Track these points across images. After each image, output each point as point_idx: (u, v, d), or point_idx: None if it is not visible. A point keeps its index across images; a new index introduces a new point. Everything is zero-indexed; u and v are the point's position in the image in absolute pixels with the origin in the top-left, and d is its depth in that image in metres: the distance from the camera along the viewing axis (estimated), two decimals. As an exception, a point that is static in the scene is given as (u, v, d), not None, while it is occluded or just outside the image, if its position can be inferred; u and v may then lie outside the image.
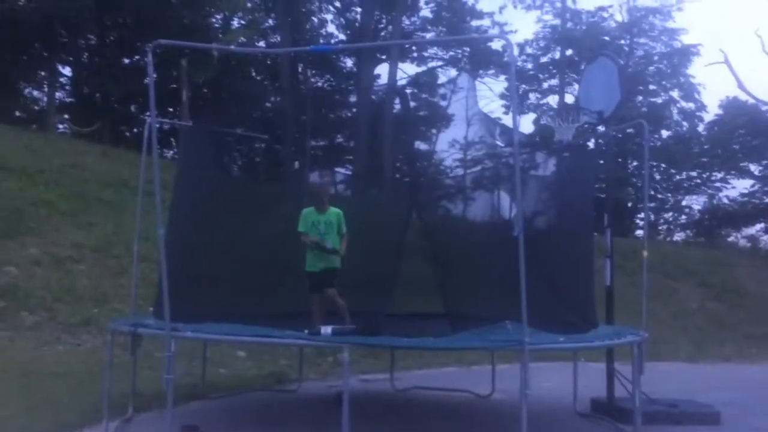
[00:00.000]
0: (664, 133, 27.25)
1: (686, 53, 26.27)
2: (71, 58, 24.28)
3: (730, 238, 26.95)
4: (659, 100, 27.09)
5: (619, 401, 6.72)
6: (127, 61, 23.94)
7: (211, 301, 6.05)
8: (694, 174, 27.20)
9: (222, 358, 8.56)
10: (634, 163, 25.28)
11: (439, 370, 9.40)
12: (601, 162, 8.00)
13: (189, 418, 5.70)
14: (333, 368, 8.58)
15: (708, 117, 27.13)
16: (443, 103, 23.92)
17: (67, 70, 24.96)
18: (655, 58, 27.07)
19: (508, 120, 22.59)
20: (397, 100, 21.35)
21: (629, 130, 18.67)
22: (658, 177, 26.46)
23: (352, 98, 24.94)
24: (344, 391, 4.39)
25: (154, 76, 4.80)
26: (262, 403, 7.13)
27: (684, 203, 28.13)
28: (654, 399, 6.61)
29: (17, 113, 23.74)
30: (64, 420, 5.52)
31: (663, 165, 26.54)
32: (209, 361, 7.45)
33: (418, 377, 8.62)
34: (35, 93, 25.86)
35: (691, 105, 27.14)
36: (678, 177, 27.33)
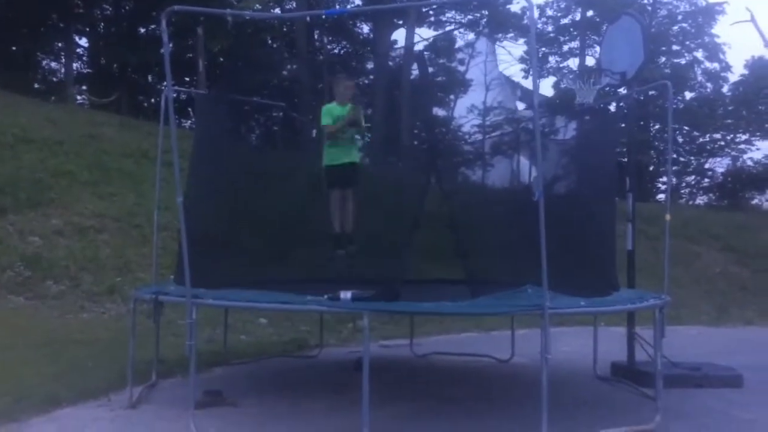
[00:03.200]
0: (688, 95, 26.74)
1: (711, 12, 25.61)
2: (88, 29, 24.26)
3: (754, 201, 26.56)
4: (683, 61, 26.51)
5: (639, 365, 6.71)
6: (143, 30, 23.89)
7: (231, 268, 6.08)
8: (717, 136, 26.70)
9: (243, 325, 8.66)
10: (657, 126, 24.86)
11: (458, 335, 9.44)
12: (623, 125, 7.87)
13: (212, 384, 5.79)
14: (353, 334, 8.65)
15: (733, 78, 26.54)
16: (461, 68, 23.64)
17: (83, 41, 24.98)
18: (679, 17, 26.42)
19: (527, 84, 22.27)
20: (415, 66, 21.10)
21: (652, 92, 18.30)
22: (680, 140, 26.03)
23: (369, 65, 24.72)
24: (364, 357, 4.40)
25: (170, 44, 4.76)
26: (283, 369, 7.22)
27: (707, 166, 27.69)
28: (675, 362, 6.58)
29: (36, 85, 23.84)
30: (90, 386, 5.63)
31: (686, 127, 26.07)
32: (231, 327, 7.54)
33: (438, 343, 8.66)
34: (53, 65, 25.95)
35: (716, 65, 26.54)
36: (701, 139, 26.85)
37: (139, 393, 5.52)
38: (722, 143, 26.82)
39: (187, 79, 20.48)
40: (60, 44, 24.03)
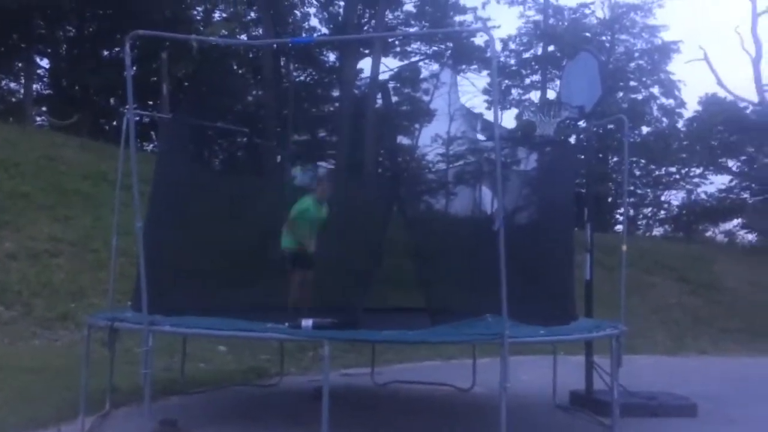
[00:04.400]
0: (645, 129, 27.49)
1: (666, 50, 26.49)
2: (49, 50, 23.92)
3: (708, 233, 27.28)
4: (639, 97, 27.30)
5: (597, 393, 6.78)
6: (106, 53, 23.65)
7: (190, 295, 6.01)
8: (673, 170, 27.46)
9: (202, 353, 8.51)
10: (615, 159, 25.48)
11: (420, 364, 9.41)
12: (582, 157, 8.05)
13: (168, 413, 5.65)
14: (314, 363, 8.56)
15: (687, 113, 27.42)
16: (426, 98, 23.95)
17: (45, 62, 24.61)
18: (636, 54, 27.26)
19: (490, 115, 22.63)
20: (380, 95, 21.31)
21: (610, 126, 18.77)
22: (637, 172, 26.67)
23: (335, 92, 24.86)
24: (324, 386, 4.38)
25: (133, 68, 4.73)
26: (242, 398, 7.10)
27: (663, 198, 28.42)
28: (632, 392, 6.67)
29: (-7, 105, 23.36)
30: (40, 415, 5.46)
31: (642, 161, 26.76)
32: (189, 355, 7.40)
33: (399, 371, 8.63)
34: (12, 85, 25.46)
35: (671, 101, 27.39)
36: (657, 172, 27.58)
37: (91, 423, 5.37)
38: (677, 176, 27.57)
39: (151, 102, 20.30)
40: (20, 64, 23.63)
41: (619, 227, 24.17)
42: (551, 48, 26.46)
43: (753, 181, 25.33)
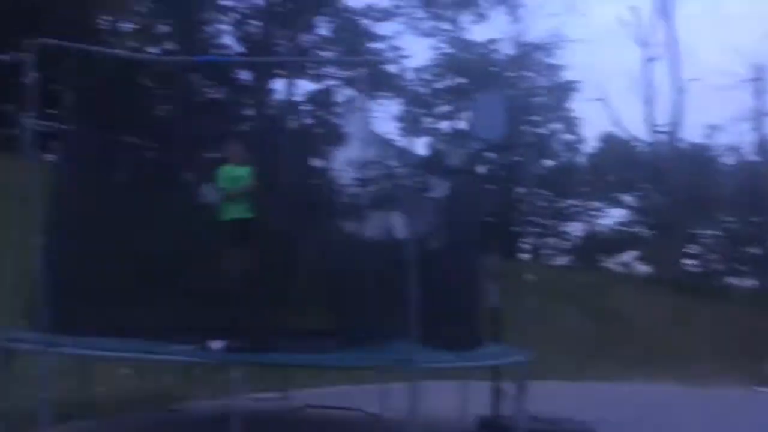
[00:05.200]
0: (549, 162, 28.65)
1: (567, 88, 27.83)
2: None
3: (605, 264, 28.63)
4: (544, 131, 28.47)
5: (504, 419, 6.91)
6: (2, 56, 22.40)
7: (92, 314, 5.72)
8: (575, 202, 28.71)
9: (103, 376, 8.06)
10: (521, 189, 26.41)
11: (332, 387, 9.32)
12: (492, 187, 8.31)
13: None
14: (225, 385, 8.29)
15: (589, 149, 28.83)
16: (339, 122, 24.04)
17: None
18: (540, 91, 28.46)
19: (403, 142, 22.99)
20: (294, 116, 21.25)
21: (516, 158, 19.51)
22: (542, 204, 27.72)
23: (248, 111, 24.55)
24: (233, 412, 4.25)
25: (36, 75, 4.50)
26: (147, 424, 6.79)
27: (566, 229, 29.61)
28: (536, 417, 6.84)
29: None
30: None
31: (546, 192, 27.84)
32: (90, 378, 7.00)
33: (312, 395, 8.49)
34: None
35: (573, 136, 28.72)
36: (560, 204, 28.75)
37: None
38: (578, 209, 28.86)
39: (54, 111, 19.36)
40: None
41: (525, 256, 24.99)
42: (462, 80, 27.22)
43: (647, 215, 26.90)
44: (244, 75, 24.79)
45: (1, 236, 9.36)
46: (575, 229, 29.47)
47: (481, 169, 9.10)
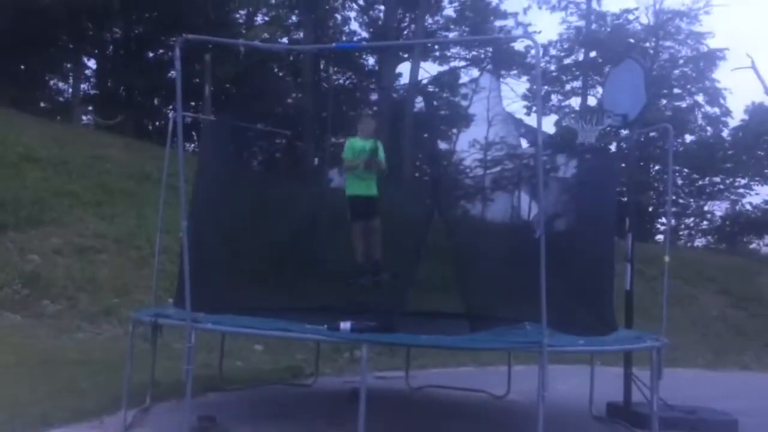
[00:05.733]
0: (688, 138, 26.99)
1: (712, 57, 25.99)
2: (96, 51, 24.54)
3: (752, 245, 26.65)
4: (684, 105, 26.82)
5: (635, 406, 6.68)
6: (151, 54, 24.18)
7: (230, 294, 6.09)
8: (717, 179, 26.90)
9: (239, 351, 8.63)
10: (657, 167, 25.06)
11: (455, 369, 9.39)
12: (624, 165, 7.95)
13: (206, 409, 5.74)
14: (349, 364, 8.61)
15: (733, 122, 26.85)
16: (464, 103, 23.86)
17: (92, 63, 25.26)
18: (681, 61, 26.81)
19: (529, 121, 22.46)
20: (420, 99, 21.35)
21: (653, 134, 18.48)
22: (680, 182, 26.21)
23: (374, 96, 24.96)
24: (361, 388, 4.40)
25: (180, 69, 4.83)
26: (277, 397, 7.17)
27: (706, 209, 27.84)
28: (671, 405, 6.56)
29: (42, 104, 24.06)
30: (84, 407, 5.59)
31: (686, 170, 26.28)
32: (226, 353, 7.51)
33: (434, 376, 8.61)
34: (60, 85, 26.19)
35: (716, 110, 26.85)
36: (701, 182, 27.05)
37: (133, 416, 5.48)
38: (721, 187, 27.00)
39: (193, 103, 20.67)
40: (68, 65, 24.29)
41: (659, 237, 23.78)
42: (593, 54, 26.18)
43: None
44: (371, 60, 25.24)
45: (150, 220, 10.19)
46: (718, 208, 27.62)
47: (614, 147, 8.71)
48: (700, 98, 26.91)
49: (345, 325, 4.84)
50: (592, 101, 25.02)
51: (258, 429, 5.68)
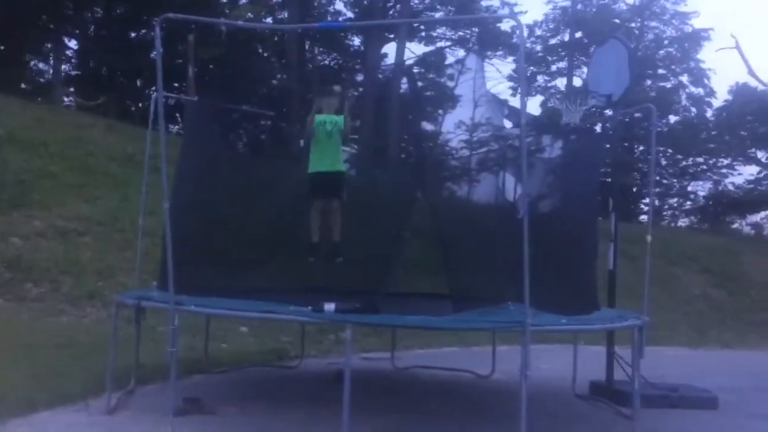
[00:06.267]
0: (672, 119, 27.11)
1: (697, 38, 26.04)
2: (77, 31, 24.18)
3: (735, 225, 26.94)
4: (668, 85, 26.91)
5: (617, 384, 6.77)
6: (133, 35, 23.83)
7: (214, 276, 6.07)
8: (700, 160, 27.09)
9: (224, 334, 8.63)
10: (641, 148, 25.18)
11: (439, 350, 9.46)
12: (608, 146, 7.97)
13: (191, 391, 5.76)
14: (334, 346, 8.65)
15: (717, 103, 26.98)
16: (450, 84, 23.82)
17: (73, 43, 24.87)
18: (666, 42, 26.86)
19: (515, 102, 22.46)
20: (405, 80, 21.26)
21: (637, 115, 18.54)
22: (664, 162, 26.37)
23: (359, 77, 24.82)
24: (346, 370, 4.42)
25: (161, 50, 4.77)
26: (263, 378, 7.20)
27: (689, 189, 28.07)
28: (653, 383, 6.65)
29: (23, 85, 23.68)
30: (68, 390, 5.59)
31: (669, 150, 26.43)
32: (211, 336, 7.51)
33: (419, 357, 8.68)
34: (41, 65, 25.80)
35: (701, 90, 26.96)
36: (684, 162, 27.23)
37: (117, 398, 5.48)
38: (705, 167, 27.21)
39: (176, 84, 20.44)
40: (49, 45, 23.91)
41: (643, 218, 23.98)
42: (578, 34, 26.16)
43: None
44: (356, 40, 25.05)
45: (133, 202, 10.11)
46: (701, 188, 27.85)
47: (599, 128, 8.72)
48: (684, 78, 27.01)
49: (329, 307, 4.85)
50: (577, 82, 25.05)
51: (243, 410, 5.70)
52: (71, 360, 6.63)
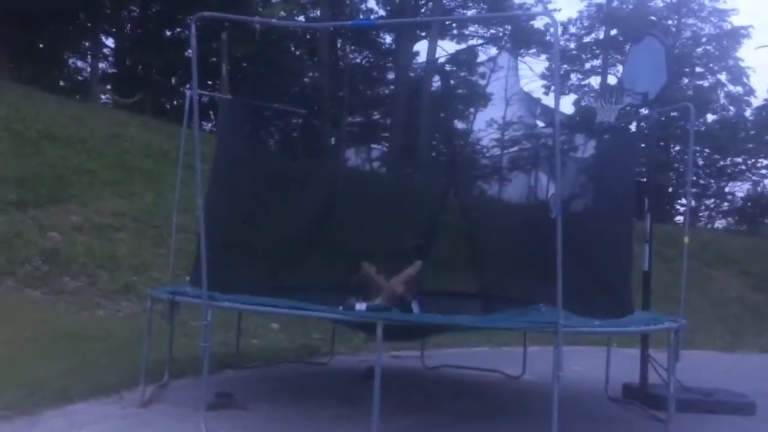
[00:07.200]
0: (710, 117, 26.59)
1: (735, 35, 25.52)
2: (114, 30, 24.59)
3: (774, 228, 26.31)
4: (706, 83, 26.41)
5: (651, 387, 6.66)
6: (168, 33, 24.18)
7: (247, 273, 6.13)
8: (738, 160, 26.52)
9: (256, 330, 8.70)
10: (677, 148, 24.75)
11: (469, 349, 9.41)
12: (643, 145, 7.84)
13: (223, 386, 5.82)
14: (364, 343, 8.65)
15: (756, 102, 26.39)
16: (482, 82, 23.68)
17: (110, 41, 25.31)
18: (703, 39, 26.36)
19: (548, 100, 22.26)
20: (437, 78, 21.18)
21: (673, 114, 18.22)
22: (701, 162, 25.87)
23: (390, 75, 24.78)
24: (376, 367, 4.41)
25: (196, 48, 4.82)
26: (293, 375, 7.24)
27: (727, 190, 27.50)
28: (688, 387, 6.52)
29: (61, 83, 24.19)
30: (102, 383, 5.68)
31: (707, 150, 25.92)
32: (243, 332, 7.58)
33: (449, 356, 8.63)
34: (79, 63, 26.30)
35: (739, 89, 26.40)
36: (722, 163, 26.68)
37: (151, 392, 5.56)
38: (743, 167, 26.63)
39: (210, 82, 20.66)
40: (87, 43, 24.37)
41: (679, 219, 23.56)
42: (613, 32, 25.80)
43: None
44: (387, 38, 25.05)
45: (167, 199, 10.24)
46: (739, 189, 27.26)
47: (634, 127, 8.57)
48: (722, 77, 26.49)
49: (361, 305, 4.86)
50: (612, 80, 24.71)
51: (274, 405, 5.74)
52: (106, 353, 6.75)
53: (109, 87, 24.85)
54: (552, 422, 4.38)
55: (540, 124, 9.83)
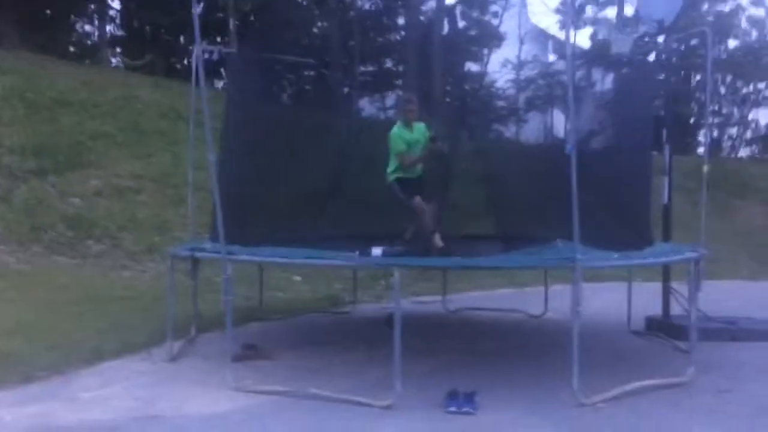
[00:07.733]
0: (732, 44, 25.80)
1: (757, -45, 24.53)
2: (119, -9, 24.27)
3: (799, 154, 25.77)
4: (726, 8, 25.52)
5: (674, 318, 6.67)
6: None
7: (265, 226, 6.17)
8: (762, 86, 25.81)
9: (278, 282, 8.81)
10: (698, 77, 24.11)
11: (492, 292, 9.46)
12: (662, 76, 7.67)
13: (249, 338, 5.93)
14: (386, 291, 8.73)
15: (781, 24, 25.51)
16: (494, 22, 23.19)
17: (116, 3, 25.03)
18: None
19: (563, 35, 21.71)
20: (446, 20, 20.73)
21: (694, 42, 17.68)
22: (723, 90, 25.21)
23: (400, 20, 24.33)
24: (396, 312, 4.45)
25: (200, 4, 4.76)
26: (317, 325, 7.35)
27: (750, 117, 26.85)
28: (710, 316, 6.52)
29: (71, 48, 24.09)
30: (133, 341, 5.83)
31: (729, 77, 25.23)
32: (266, 285, 7.68)
33: (471, 299, 8.70)
34: (87, 27, 26.09)
35: (761, 11, 25.52)
36: (745, 90, 25.99)
37: (178, 347, 5.69)
38: (767, 94, 25.94)
39: (219, 39, 20.45)
40: (93, 6, 24.13)
41: (701, 150, 23.13)
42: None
43: None
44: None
45: (184, 158, 10.28)
46: (763, 116, 26.60)
47: (651, 57, 8.35)
48: (743, 0, 25.56)
49: (376, 251, 4.87)
50: (629, 11, 23.97)
51: (299, 355, 5.85)
52: (134, 312, 6.90)
53: (118, 50, 24.71)
54: (572, 356, 4.41)
55: (554, 58, 9.61)
